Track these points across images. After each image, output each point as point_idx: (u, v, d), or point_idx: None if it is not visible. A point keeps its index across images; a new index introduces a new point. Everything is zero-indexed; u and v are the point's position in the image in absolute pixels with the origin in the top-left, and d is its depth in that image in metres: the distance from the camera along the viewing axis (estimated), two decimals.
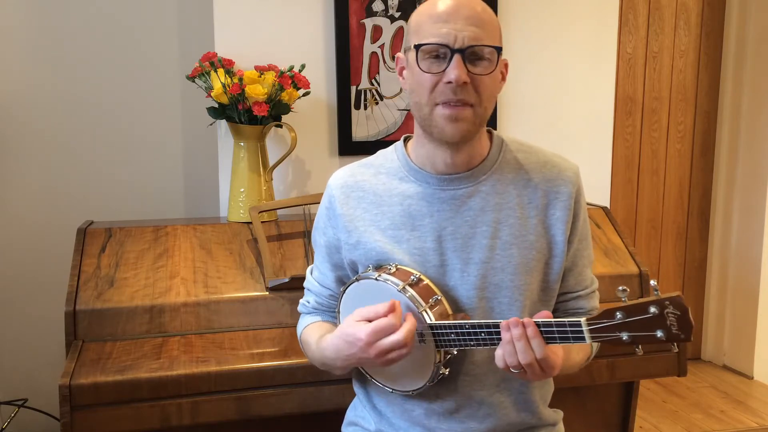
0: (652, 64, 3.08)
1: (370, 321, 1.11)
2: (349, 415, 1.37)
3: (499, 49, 1.14)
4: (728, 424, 2.70)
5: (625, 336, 0.98)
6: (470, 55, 1.11)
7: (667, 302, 0.94)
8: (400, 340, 1.08)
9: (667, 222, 3.23)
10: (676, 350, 1.02)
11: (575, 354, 1.22)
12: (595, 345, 1.30)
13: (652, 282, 0.98)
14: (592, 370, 1.77)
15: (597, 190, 2.59)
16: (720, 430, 2.65)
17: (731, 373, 3.20)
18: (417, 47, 1.12)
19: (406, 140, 1.29)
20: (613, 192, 3.06)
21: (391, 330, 1.08)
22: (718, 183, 3.23)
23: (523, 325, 1.04)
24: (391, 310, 1.09)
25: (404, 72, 1.21)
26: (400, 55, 1.22)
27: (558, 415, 1.33)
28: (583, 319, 1.00)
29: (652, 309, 0.95)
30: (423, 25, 1.13)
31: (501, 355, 1.07)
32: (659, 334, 0.95)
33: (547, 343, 1.04)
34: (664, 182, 3.19)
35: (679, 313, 0.94)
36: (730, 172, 3.19)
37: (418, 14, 1.16)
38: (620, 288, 1.00)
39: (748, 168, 3.10)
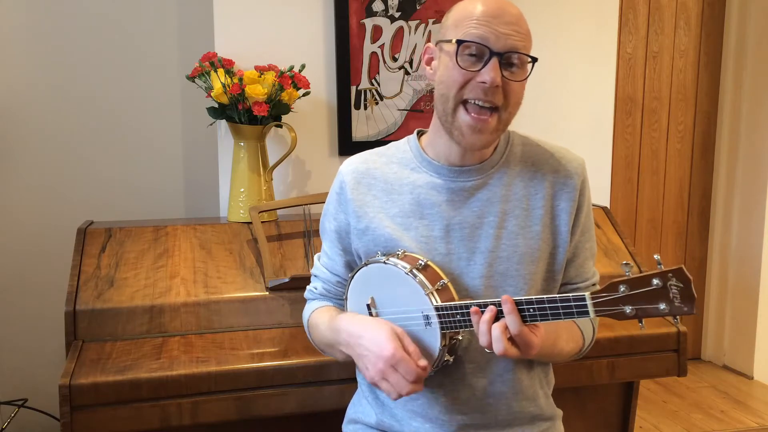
0: (652, 64, 3.08)
1: (401, 342, 1.12)
2: (349, 412, 1.38)
3: (535, 60, 1.18)
4: (728, 424, 2.70)
5: (628, 309, 0.98)
6: (506, 59, 1.14)
7: (671, 275, 0.95)
8: (403, 388, 1.10)
9: (667, 222, 3.23)
10: (678, 325, 1.03)
11: (564, 343, 1.23)
12: (588, 338, 1.30)
13: (656, 256, 0.98)
14: (593, 370, 1.77)
15: (597, 190, 2.59)
16: (720, 430, 2.65)
17: (731, 373, 3.20)
18: (459, 42, 1.14)
19: (419, 134, 1.31)
20: (613, 192, 3.06)
21: (409, 375, 1.09)
22: (718, 183, 3.23)
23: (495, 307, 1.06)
24: (424, 367, 1.10)
25: (433, 63, 1.23)
26: (430, 45, 1.24)
27: (558, 411, 1.33)
28: (587, 293, 1.01)
29: (656, 281, 0.95)
30: (464, 21, 1.15)
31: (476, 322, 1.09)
32: (662, 306, 0.96)
33: (552, 318, 1.05)
34: (664, 182, 3.19)
35: (682, 285, 0.94)
36: (730, 172, 3.19)
37: (459, 11, 1.18)
38: (624, 263, 1.00)
39: (748, 168, 3.10)
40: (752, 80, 3.07)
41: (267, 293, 1.75)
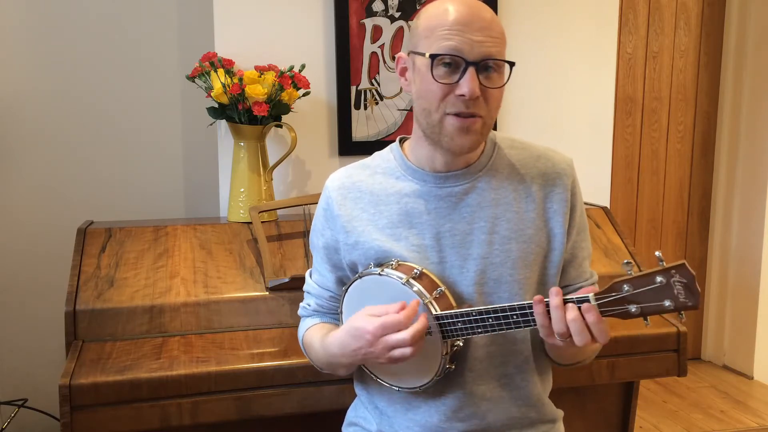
0: (652, 64, 3.08)
1: (371, 312, 1.11)
2: (350, 415, 1.37)
3: (512, 64, 1.15)
4: (728, 424, 2.70)
5: (633, 308, 0.98)
6: (483, 67, 1.11)
7: (674, 271, 0.94)
8: (406, 338, 1.08)
9: (667, 222, 3.23)
10: (684, 319, 1.03)
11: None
12: None
13: (658, 253, 0.98)
14: (593, 370, 1.77)
15: (597, 190, 2.59)
16: (720, 430, 2.65)
17: (731, 373, 3.20)
18: (433, 57, 1.11)
19: (402, 141, 1.29)
20: (613, 192, 3.06)
21: (399, 327, 1.09)
22: (718, 183, 3.23)
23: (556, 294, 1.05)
24: (402, 308, 1.10)
25: (407, 74, 1.20)
26: (402, 55, 1.21)
27: (558, 413, 1.33)
28: (591, 295, 1.01)
29: (659, 279, 0.95)
30: (436, 31, 1.11)
31: (542, 312, 1.05)
32: (667, 303, 0.96)
33: None
34: (664, 182, 3.19)
35: (685, 281, 0.94)
36: (730, 172, 3.19)
37: (429, 18, 1.14)
38: (625, 261, 1.00)
39: (748, 168, 3.10)
40: (752, 80, 3.07)
41: (267, 293, 1.75)
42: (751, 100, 3.08)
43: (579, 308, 1.03)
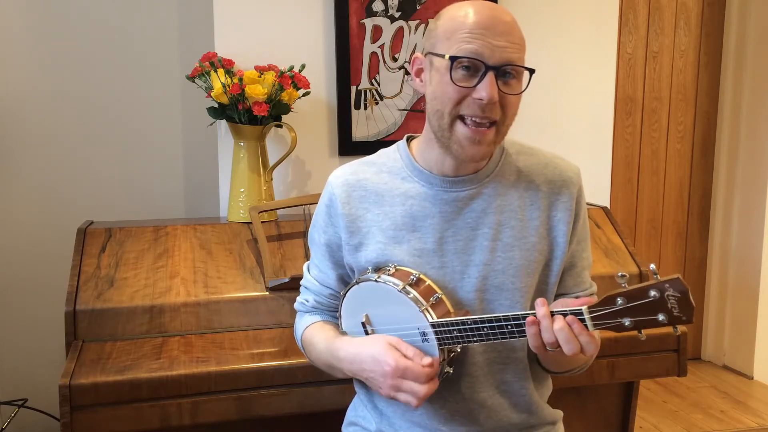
0: (652, 64, 3.08)
1: (399, 350, 1.11)
2: (350, 415, 1.37)
3: (532, 71, 1.13)
4: (728, 424, 2.70)
5: (627, 322, 0.97)
6: (502, 72, 1.10)
7: (667, 285, 0.94)
8: (419, 392, 1.09)
9: (667, 222, 3.23)
10: (678, 333, 1.02)
11: None
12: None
13: (652, 266, 0.97)
14: (593, 370, 1.77)
15: (597, 190, 2.59)
16: (720, 430, 2.65)
17: (731, 373, 3.20)
18: (452, 59, 1.09)
19: (409, 140, 1.28)
20: (613, 192, 3.06)
21: (418, 379, 1.09)
22: (718, 183, 3.23)
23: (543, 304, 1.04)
24: (429, 364, 1.10)
25: (423, 75, 1.19)
26: (418, 55, 1.20)
27: (558, 414, 1.33)
28: (584, 307, 1.00)
29: (653, 293, 0.95)
30: (456, 33, 1.10)
31: (535, 333, 1.05)
32: (661, 317, 0.95)
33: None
34: (664, 182, 3.19)
35: (679, 295, 0.93)
36: (730, 172, 3.19)
37: (450, 20, 1.12)
38: (619, 274, 0.99)
39: (748, 168, 3.10)
40: (752, 80, 3.07)
41: (267, 293, 1.75)
42: (751, 100, 3.08)
43: (564, 318, 1.02)
